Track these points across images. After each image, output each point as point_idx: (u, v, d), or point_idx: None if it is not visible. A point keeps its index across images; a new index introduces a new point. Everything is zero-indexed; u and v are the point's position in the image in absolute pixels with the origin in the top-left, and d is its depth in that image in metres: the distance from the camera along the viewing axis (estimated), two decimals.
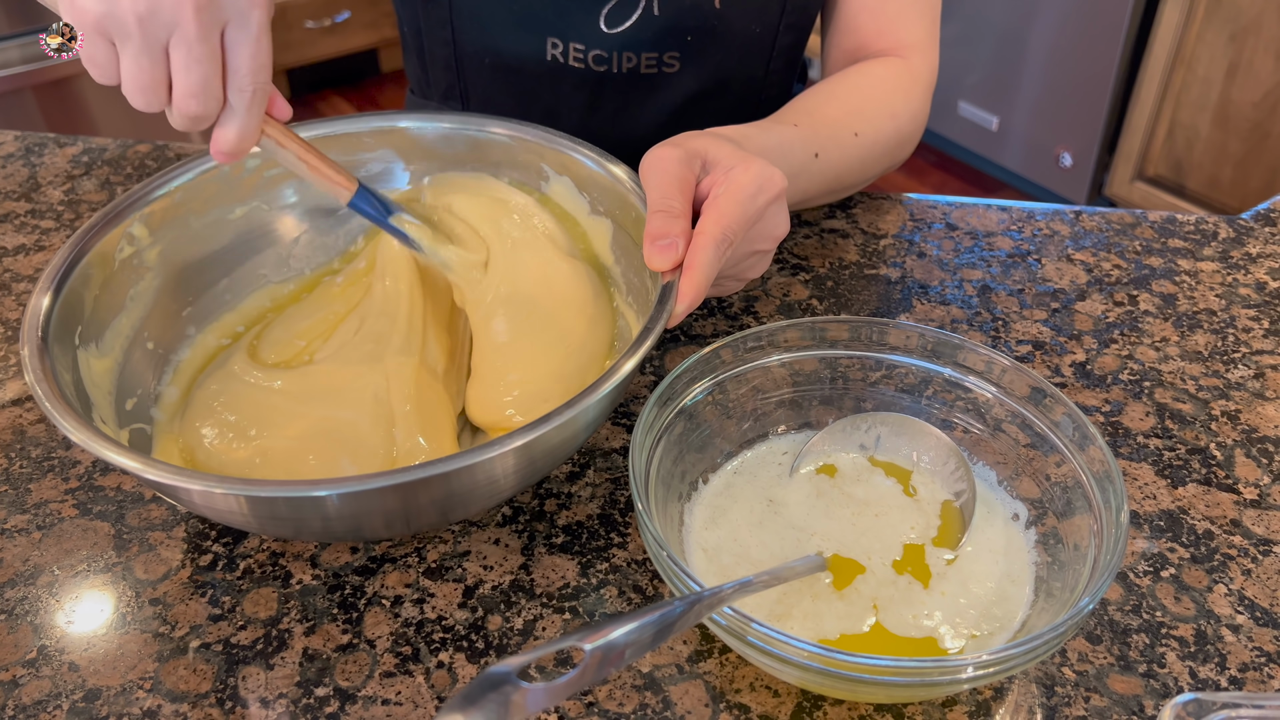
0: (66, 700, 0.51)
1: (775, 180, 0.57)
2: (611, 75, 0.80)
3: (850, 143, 0.72)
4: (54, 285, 0.57)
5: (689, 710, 0.50)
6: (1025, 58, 2.50)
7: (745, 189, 0.56)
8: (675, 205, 0.55)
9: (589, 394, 0.49)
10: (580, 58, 0.79)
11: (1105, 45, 2.31)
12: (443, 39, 0.84)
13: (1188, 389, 0.68)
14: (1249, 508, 0.60)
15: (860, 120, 0.73)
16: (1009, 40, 2.52)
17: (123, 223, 0.61)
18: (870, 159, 0.75)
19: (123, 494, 0.61)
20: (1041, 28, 2.44)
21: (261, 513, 0.49)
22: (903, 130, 0.77)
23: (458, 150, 0.69)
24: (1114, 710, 0.50)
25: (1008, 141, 2.64)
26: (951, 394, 0.59)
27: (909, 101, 0.77)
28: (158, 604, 0.55)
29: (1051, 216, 0.84)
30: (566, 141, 0.67)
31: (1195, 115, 2.21)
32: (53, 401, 0.50)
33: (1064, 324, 0.73)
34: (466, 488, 0.50)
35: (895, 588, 0.53)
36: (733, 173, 0.57)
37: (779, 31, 0.81)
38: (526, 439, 0.48)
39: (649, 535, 0.48)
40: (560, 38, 0.78)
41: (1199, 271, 0.78)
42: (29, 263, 0.79)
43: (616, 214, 0.66)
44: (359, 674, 0.52)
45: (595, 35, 0.78)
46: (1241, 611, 0.54)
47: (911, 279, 0.77)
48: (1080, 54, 2.38)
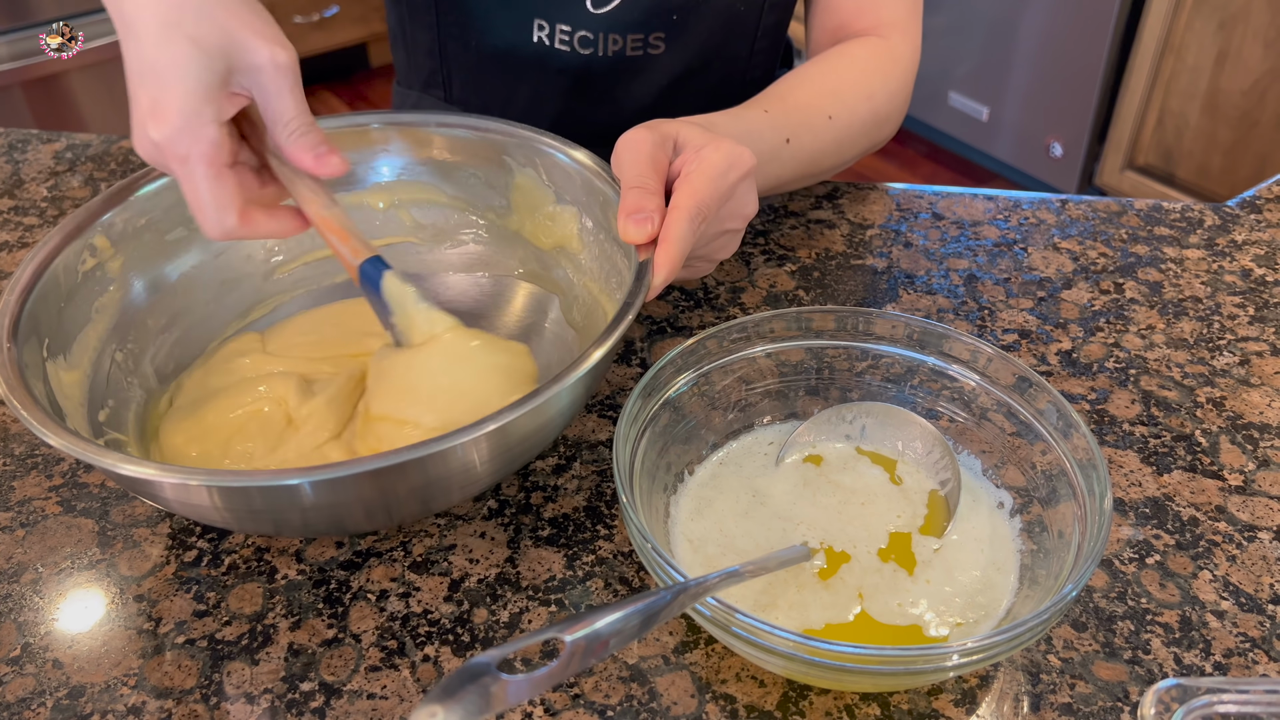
0: (50, 698, 0.50)
1: (745, 158, 0.58)
2: (597, 59, 0.80)
3: (824, 126, 0.72)
4: (19, 296, 0.56)
5: (675, 701, 0.50)
6: (1015, 48, 2.50)
7: (716, 166, 0.57)
8: (650, 183, 0.57)
9: (567, 374, 0.49)
10: (566, 40, 0.79)
11: (1095, 34, 2.31)
12: (426, 24, 0.84)
13: (1173, 376, 0.68)
14: (1234, 494, 0.60)
15: (835, 102, 0.73)
16: (999, 30, 2.52)
17: (83, 235, 0.61)
18: (846, 141, 0.75)
19: (106, 491, 0.61)
20: (1031, 17, 2.44)
21: (238, 505, 0.49)
22: (879, 111, 0.76)
23: (418, 149, 0.69)
24: (1099, 697, 0.50)
25: (998, 132, 2.65)
26: (937, 383, 0.59)
27: (887, 81, 0.77)
28: (142, 600, 0.55)
29: (1038, 205, 0.84)
30: (529, 132, 0.67)
31: (1185, 104, 2.21)
32: (25, 404, 0.50)
33: (1050, 312, 0.73)
34: (441, 474, 0.50)
35: (880, 576, 0.53)
36: (703, 151, 0.58)
37: (763, 10, 0.81)
38: (500, 423, 0.47)
39: (633, 527, 0.48)
40: (546, 19, 0.78)
41: (1185, 259, 0.78)
42: (12, 259, 0.79)
43: (583, 200, 0.66)
44: (344, 668, 0.52)
45: (582, 16, 0.78)
46: (1226, 598, 0.55)
47: (898, 269, 0.77)
48: (1070, 43, 2.38)
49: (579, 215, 0.67)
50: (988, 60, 2.59)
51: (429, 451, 0.46)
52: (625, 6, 0.77)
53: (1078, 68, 2.38)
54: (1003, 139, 2.65)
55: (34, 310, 0.56)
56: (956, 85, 2.69)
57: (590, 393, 0.56)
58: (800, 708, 0.50)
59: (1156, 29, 2.19)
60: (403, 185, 0.70)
